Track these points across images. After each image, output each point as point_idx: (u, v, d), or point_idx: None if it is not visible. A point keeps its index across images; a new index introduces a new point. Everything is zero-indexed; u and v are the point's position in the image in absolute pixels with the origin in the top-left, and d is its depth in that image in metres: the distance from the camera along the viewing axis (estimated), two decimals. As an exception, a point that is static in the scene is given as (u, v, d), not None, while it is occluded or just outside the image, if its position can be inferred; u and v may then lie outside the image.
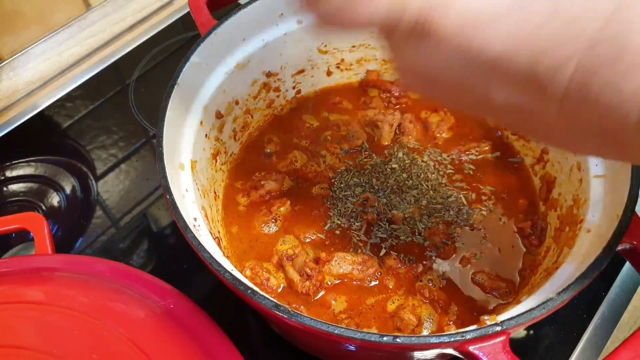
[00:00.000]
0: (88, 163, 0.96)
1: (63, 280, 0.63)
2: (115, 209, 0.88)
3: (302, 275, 0.66)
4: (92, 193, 0.92)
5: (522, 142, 0.78)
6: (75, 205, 0.89)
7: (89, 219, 0.87)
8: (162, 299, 0.63)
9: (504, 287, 0.66)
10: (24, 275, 0.63)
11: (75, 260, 0.66)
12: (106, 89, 1.03)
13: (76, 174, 0.94)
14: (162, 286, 0.65)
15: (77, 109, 1.00)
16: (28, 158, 0.96)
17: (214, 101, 0.70)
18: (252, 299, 0.47)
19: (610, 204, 0.57)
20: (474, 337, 0.45)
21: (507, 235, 0.71)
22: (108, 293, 0.63)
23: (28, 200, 0.93)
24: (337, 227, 0.72)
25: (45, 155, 0.97)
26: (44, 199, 0.92)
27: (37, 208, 0.91)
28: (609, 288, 0.75)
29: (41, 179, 0.95)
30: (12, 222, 0.67)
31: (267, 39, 0.75)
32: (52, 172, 0.95)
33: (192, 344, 0.60)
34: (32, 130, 0.98)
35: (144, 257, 0.82)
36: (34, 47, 1.00)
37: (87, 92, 1.01)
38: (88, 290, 0.62)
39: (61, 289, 0.62)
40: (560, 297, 0.47)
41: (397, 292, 0.67)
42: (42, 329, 0.57)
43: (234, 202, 0.75)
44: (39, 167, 0.95)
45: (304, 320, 0.46)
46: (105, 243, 0.83)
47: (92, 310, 0.59)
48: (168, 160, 0.58)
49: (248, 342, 0.72)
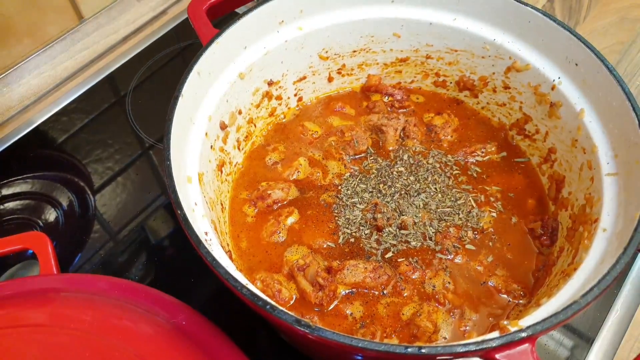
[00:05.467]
0: (85, 177, 0.94)
1: (68, 301, 0.62)
2: (113, 223, 0.87)
3: (314, 286, 0.65)
4: (89, 208, 0.90)
5: (527, 142, 0.77)
6: (73, 220, 0.87)
7: (88, 234, 0.86)
8: (171, 314, 0.62)
9: (518, 290, 0.65)
10: (29, 297, 0.61)
11: (80, 279, 0.65)
12: (101, 101, 1.01)
13: (73, 189, 0.92)
14: (169, 300, 0.63)
15: (73, 123, 0.98)
16: (24, 175, 0.94)
17: (217, 111, 0.69)
18: (272, 314, 0.46)
19: (625, 202, 0.57)
20: (500, 345, 0.44)
21: (518, 236, 0.71)
22: (114, 311, 0.61)
23: (25, 218, 0.91)
24: (350, 236, 0.71)
25: (41, 171, 0.95)
26: (42, 216, 0.90)
27: (34, 225, 0.89)
28: (621, 286, 0.75)
29: (38, 195, 0.93)
30: (15, 243, 0.65)
31: (269, 46, 0.74)
32: (48, 188, 0.93)
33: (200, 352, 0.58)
34: (28, 146, 0.96)
35: (142, 270, 0.80)
36: (27, 61, 0.98)
37: (82, 106, 1.00)
38: (94, 309, 0.60)
39: (66, 310, 0.60)
40: (585, 299, 0.46)
41: (411, 298, 0.66)
42: (48, 352, 0.55)
43: (241, 214, 0.74)
44: (35, 183, 0.93)
45: (326, 334, 0.45)
46: (104, 258, 0.82)
47: (100, 329, 0.57)
48: (176, 174, 0.56)
49: (258, 353, 0.70)
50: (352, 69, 0.84)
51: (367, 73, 0.85)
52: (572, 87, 0.68)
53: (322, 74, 0.83)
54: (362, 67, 0.84)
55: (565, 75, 0.69)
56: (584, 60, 0.65)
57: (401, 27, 0.78)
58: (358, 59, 0.83)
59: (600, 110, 0.64)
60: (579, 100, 0.67)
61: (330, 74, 0.84)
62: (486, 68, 0.78)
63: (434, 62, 0.82)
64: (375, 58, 0.83)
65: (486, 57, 0.77)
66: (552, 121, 0.72)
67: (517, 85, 0.76)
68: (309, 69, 0.81)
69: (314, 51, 0.80)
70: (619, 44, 1.06)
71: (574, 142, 0.68)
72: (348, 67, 0.84)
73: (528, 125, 0.77)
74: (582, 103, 0.67)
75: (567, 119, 0.69)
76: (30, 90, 0.98)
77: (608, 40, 1.07)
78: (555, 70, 0.70)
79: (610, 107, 0.62)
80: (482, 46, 0.76)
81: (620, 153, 0.60)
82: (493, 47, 0.75)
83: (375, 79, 0.85)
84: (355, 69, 0.85)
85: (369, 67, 0.85)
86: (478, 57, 0.78)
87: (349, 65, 0.84)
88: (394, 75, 0.85)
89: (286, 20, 0.74)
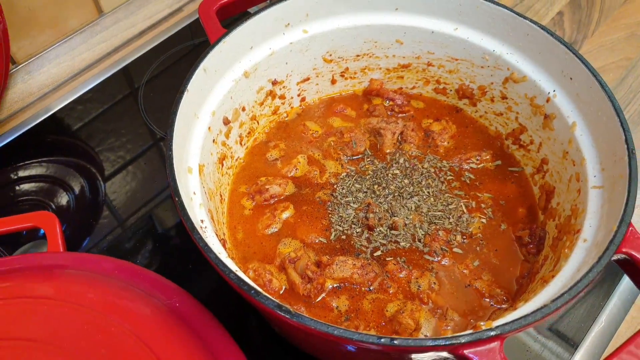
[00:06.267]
0: (97, 164, 0.98)
1: (73, 277, 0.65)
2: (122, 210, 0.90)
3: (303, 278, 0.68)
4: (100, 194, 0.94)
5: (522, 152, 0.79)
6: (83, 205, 0.91)
7: (97, 219, 0.89)
8: (168, 297, 0.65)
9: (501, 295, 0.67)
10: (36, 272, 0.65)
11: (85, 258, 0.68)
12: (116, 92, 1.05)
13: (85, 175, 0.96)
14: (168, 285, 0.67)
15: (88, 112, 1.02)
16: (40, 159, 0.98)
17: (221, 107, 0.72)
18: (255, 298, 0.49)
19: (607, 214, 0.58)
20: (469, 341, 0.46)
21: (506, 243, 0.72)
22: (116, 290, 0.65)
23: (39, 200, 0.95)
24: (341, 233, 0.73)
25: (56, 156, 0.99)
26: (54, 198, 0.94)
27: (47, 207, 0.93)
28: (608, 299, 0.76)
29: (51, 179, 0.97)
30: (26, 221, 0.69)
31: (274, 47, 0.77)
32: (62, 173, 0.97)
33: (196, 342, 0.62)
34: (45, 132, 1.00)
35: (148, 257, 0.84)
36: (48, 51, 1.02)
37: (98, 96, 1.04)
38: (97, 287, 0.64)
39: (71, 286, 0.64)
40: (555, 304, 0.48)
41: (396, 296, 0.68)
42: (51, 323, 0.59)
43: (239, 206, 0.77)
44: (49, 167, 0.97)
45: (304, 320, 0.47)
46: (111, 242, 0.85)
47: (100, 306, 0.61)
48: (177, 164, 0.59)
49: (249, 341, 0.73)
50: (355, 72, 0.87)
51: (369, 77, 0.88)
52: (566, 101, 0.70)
53: (326, 76, 0.86)
54: (365, 71, 0.87)
55: (560, 89, 0.70)
56: (578, 75, 0.66)
57: (404, 34, 0.81)
58: (361, 63, 0.86)
59: (591, 124, 0.66)
60: (572, 113, 0.69)
61: (334, 77, 0.87)
62: (485, 78, 0.80)
63: (434, 69, 0.84)
64: (378, 63, 0.86)
65: (485, 67, 0.79)
66: (545, 132, 0.74)
67: (514, 96, 0.78)
68: (313, 71, 0.84)
69: (319, 54, 0.82)
70: (626, 60, 1.07)
71: (565, 154, 0.69)
72: (351, 71, 0.87)
73: (523, 136, 0.78)
74: (574, 116, 0.68)
75: (559, 131, 0.71)
76: (50, 78, 1.03)
77: (615, 56, 1.08)
78: (550, 83, 0.72)
79: (600, 122, 0.64)
80: (482, 56, 0.78)
81: (606, 167, 0.62)
82: (492, 57, 0.77)
83: (377, 83, 0.87)
84: (359, 73, 0.87)
85: (372, 72, 0.87)
86: (477, 66, 0.80)
87: (352, 68, 0.86)
88: (395, 80, 0.88)
89: (292, 23, 0.77)
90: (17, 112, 0.99)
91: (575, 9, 1.17)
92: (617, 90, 1.02)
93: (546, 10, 1.16)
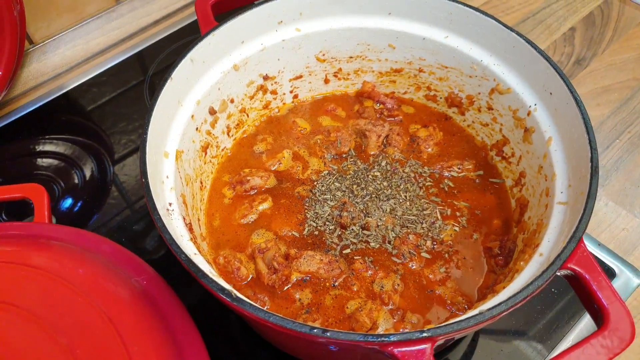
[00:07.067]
0: (107, 147, 1.02)
1: (51, 248, 0.69)
2: (131, 193, 0.93)
3: (270, 269, 0.70)
4: (108, 174, 0.97)
5: (504, 163, 0.79)
6: (91, 184, 0.95)
7: (105, 199, 0.93)
8: (137, 275, 0.68)
9: (462, 302, 0.68)
10: (17, 239, 0.69)
11: (67, 230, 0.72)
12: (130, 78, 1.09)
13: (95, 156, 1.00)
14: (139, 263, 0.70)
15: (102, 94, 1.06)
16: (51, 136, 1.02)
17: (208, 97, 0.75)
18: (202, 280, 0.51)
19: (565, 231, 0.58)
20: (399, 340, 0.47)
21: (475, 253, 0.73)
22: (90, 261, 0.68)
23: (48, 175, 0.99)
24: (314, 229, 0.75)
25: (67, 135, 1.03)
26: (63, 175, 0.97)
27: (55, 183, 0.96)
28: (578, 319, 0.75)
29: (62, 156, 1.01)
30: (15, 191, 0.74)
31: (266, 43, 0.79)
32: (72, 152, 1.01)
33: (159, 321, 0.64)
34: (59, 110, 1.05)
35: (157, 241, 0.86)
36: (64, 34, 1.07)
37: (112, 80, 1.08)
38: (72, 259, 0.67)
39: (47, 255, 0.68)
40: (490, 312, 0.49)
41: (359, 294, 0.69)
42: (19, 286, 0.63)
43: (220, 194, 0.79)
44: (60, 145, 1.01)
45: (243, 305, 0.50)
46: (120, 223, 0.88)
47: (71, 276, 0.64)
48: (152, 148, 0.62)
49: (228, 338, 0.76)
50: (349, 73, 0.88)
51: (363, 79, 0.89)
52: (545, 115, 0.70)
53: (319, 75, 0.88)
54: (359, 73, 0.88)
55: (541, 103, 0.70)
56: (557, 90, 0.66)
57: (396, 39, 0.82)
58: (354, 65, 0.87)
59: (565, 140, 0.66)
60: (549, 128, 0.69)
61: (327, 76, 0.88)
62: (473, 87, 0.80)
63: (425, 75, 0.85)
64: (371, 66, 0.87)
65: (473, 77, 0.79)
66: (525, 146, 0.73)
67: (499, 107, 0.78)
68: (306, 69, 0.86)
69: (311, 53, 0.84)
70: (634, 80, 1.05)
71: (540, 168, 0.69)
72: (344, 72, 0.88)
73: (506, 148, 0.78)
74: (551, 131, 0.68)
75: (537, 145, 0.70)
76: (64, 60, 1.08)
77: (624, 75, 1.06)
78: (532, 96, 0.71)
79: (572, 138, 0.63)
80: (470, 66, 0.78)
81: (573, 184, 0.62)
82: (480, 67, 0.77)
83: (369, 85, 0.88)
84: (352, 74, 0.89)
85: (365, 74, 0.88)
86: (466, 75, 0.80)
87: (345, 69, 0.88)
88: (388, 84, 0.89)
89: (285, 20, 0.79)
90: (30, 90, 1.05)
91: (588, 25, 1.15)
92: (621, 111, 1.00)
93: (558, 25, 1.15)
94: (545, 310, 0.76)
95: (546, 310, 0.76)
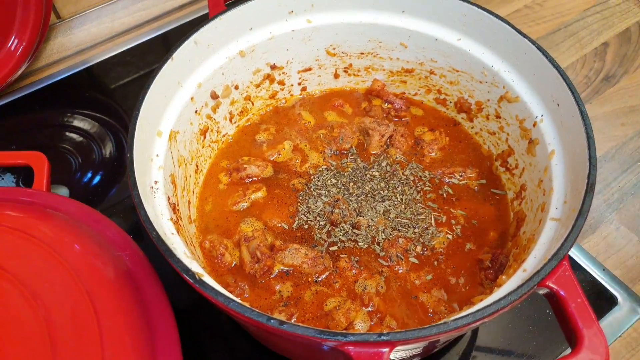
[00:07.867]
0: (127, 127, 1.04)
1: (44, 215, 0.71)
2: None
3: (253, 257, 0.70)
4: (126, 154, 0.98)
5: (508, 175, 0.76)
6: (109, 162, 0.96)
7: (119, 179, 0.94)
8: (121, 250, 0.69)
9: (444, 312, 0.66)
10: (14, 204, 0.71)
11: (61, 200, 0.74)
12: (153, 60, 1.10)
13: (114, 134, 1.01)
14: (126, 239, 0.71)
15: (126, 74, 1.07)
16: (73, 109, 1.04)
17: (210, 81, 0.75)
18: (170, 259, 0.51)
19: (553, 248, 0.55)
20: (356, 341, 0.46)
21: (466, 263, 0.70)
22: (78, 231, 0.69)
23: (66, 148, 1.02)
24: (304, 223, 0.74)
25: (88, 111, 1.05)
26: (81, 150, 0.99)
27: (73, 156, 0.98)
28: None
29: (82, 131, 1.03)
30: (18, 158, 0.76)
31: (275, 32, 0.79)
32: (92, 128, 1.03)
33: (135, 296, 0.65)
34: (80, 85, 1.07)
35: None
36: (91, 11, 1.10)
37: (135, 60, 1.10)
38: (61, 228, 0.69)
39: (40, 222, 0.69)
40: (455, 323, 0.47)
41: (340, 293, 0.68)
42: (13, 251, 0.64)
43: (216, 179, 0.79)
44: (81, 120, 1.03)
45: (205, 288, 0.49)
46: (131, 204, 0.88)
47: (58, 244, 0.66)
48: (144, 125, 0.63)
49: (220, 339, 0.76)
50: (359, 70, 0.87)
51: (373, 77, 0.88)
52: (551, 127, 0.66)
53: (329, 69, 0.87)
54: (369, 70, 0.87)
55: (548, 114, 0.67)
56: (565, 102, 0.63)
57: (408, 38, 0.80)
58: (365, 61, 0.86)
59: (567, 154, 0.62)
60: (554, 141, 0.65)
61: (337, 71, 0.87)
62: (482, 93, 0.77)
63: (436, 78, 0.82)
64: (382, 64, 0.85)
65: (483, 83, 0.76)
66: (528, 158, 0.70)
67: (506, 116, 0.75)
68: (315, 62, 0.85)
69: (322, 46, 0.83)
70: (664, 102, 0.99)
71: (540, 182, 0.66)
72: (355, 68, 0.87)
73: (510, 159, 0.75)
74: (555, 144, 0.65)
75: (540, 157, 0.67)
76: (89, 36, 1.11)
77: (655, 96, 1.00)
78: (540, 107, 0.68)
79: (574, 153, 0.60)
80: (481, 71, 0.76)
81: (569, 200, 0.58)
82: (490, 73, 0.74)
83: (379, 84, 0.87)
84: (362, 71, 0.87)
85: (376, 72, 0.87)
86: (477, 81, 0.77)
87: (355, 65, 0.86)
88: (399, 84, 0.87)
89: (296, 11, 0.78)
90: (54, 62, 1.08)
91: (623, 42, 1.09)
92: (646, 132, 0.95)
93: (590, 39, 1.10)
94: (543, 332, 0.73)
95: (544, 332, 0.73)
